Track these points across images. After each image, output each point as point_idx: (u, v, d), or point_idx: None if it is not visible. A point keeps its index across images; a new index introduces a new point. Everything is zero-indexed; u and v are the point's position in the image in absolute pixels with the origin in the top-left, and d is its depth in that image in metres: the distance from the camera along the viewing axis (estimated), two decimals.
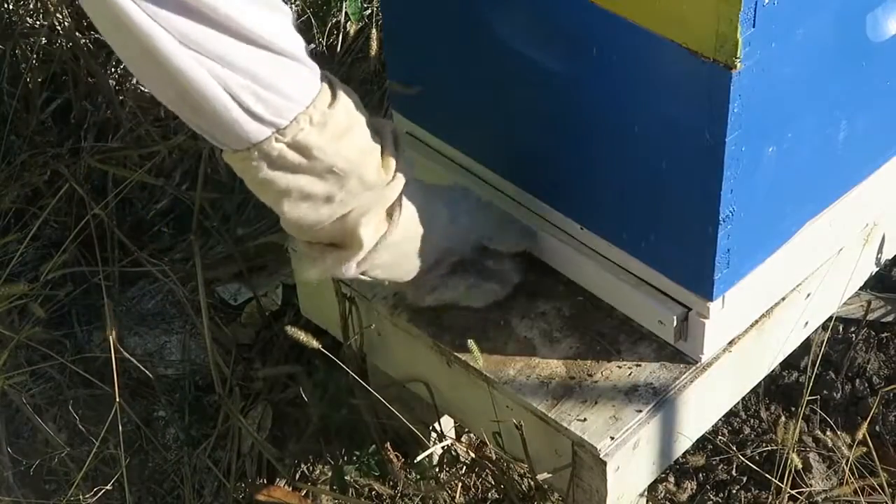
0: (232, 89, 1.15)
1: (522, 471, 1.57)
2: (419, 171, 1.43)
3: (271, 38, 1.15)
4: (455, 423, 1.76)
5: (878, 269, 1.69)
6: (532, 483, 1.61)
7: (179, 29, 1.10)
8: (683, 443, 1.49)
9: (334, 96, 1.23)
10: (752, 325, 1.50)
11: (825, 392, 1.91)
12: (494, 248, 1.49)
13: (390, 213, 1.32)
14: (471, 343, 1.44)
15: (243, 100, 1.16)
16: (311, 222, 1.29)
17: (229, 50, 1.13)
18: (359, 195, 1.28)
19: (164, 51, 1.11)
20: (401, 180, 1.32)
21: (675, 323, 1.44)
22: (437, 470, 1.82)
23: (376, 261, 1.34)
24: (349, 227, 1.30)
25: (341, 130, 1.24)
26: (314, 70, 1.21)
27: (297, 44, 1.19)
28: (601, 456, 1.38)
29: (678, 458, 1.63)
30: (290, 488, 1.84)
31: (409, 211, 1.35)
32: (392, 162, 1.30)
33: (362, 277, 1.37)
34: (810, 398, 1.72)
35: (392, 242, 1.34)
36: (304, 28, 2.39)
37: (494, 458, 1.62)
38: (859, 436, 1.59)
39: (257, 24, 1.14)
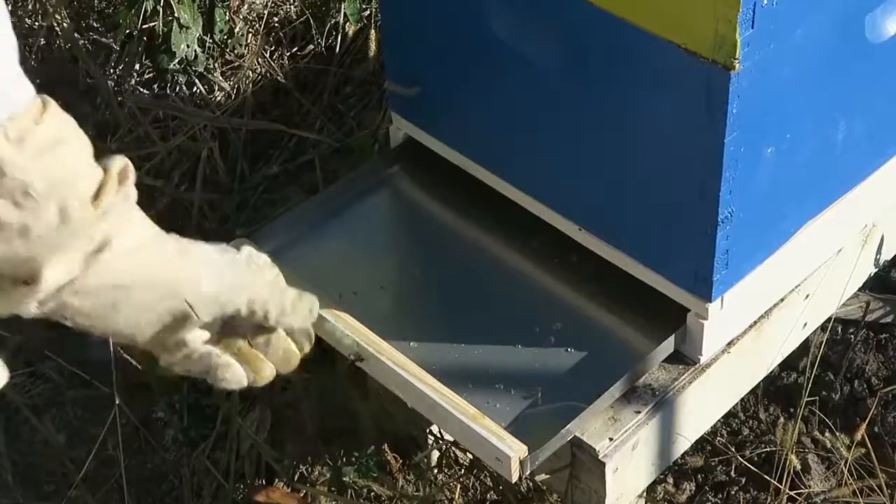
0: None
1: None
2: None
3: None
4: None
5: (876, 269, 1.69)
6: (530, 484, 1.61)
7: None
8: (682, 444, 1.49)
9: (45, 109, 1.03)
10: (750, 326, 1.50)
11: (824, 393, 1.91)
12: (271, 321, 1.26)
13: (92, 256, 1.08)
14: None
15: None
16: (1, 257, 1.05)
17: None
18: (55, 230, 1.05)
19: None
20: (113, 218, 1.09)
21: (514, 461, 1.31)
22: (435, 471, 1.82)
23: (73, 305, 1.10)
24: (33, 264, 1.06)
25: (46, 146, 1.03)
26: (22, 83, 1.02)
27: (10, 51, 0.99)
28: (600, 457, 1.38)
29: (677, 459, 1.63)
30: (289, 489, 1.84)
31: (135, 258, 1.12)
32: (109, 198, 1.07)
33: (66, 322, 1.13)
34: (809, 399, 1.71)
35: (90, 288, 1.10)
36: (303, 28, 2.39)
37: None
38: (858, 437, 1.59)
39: None
